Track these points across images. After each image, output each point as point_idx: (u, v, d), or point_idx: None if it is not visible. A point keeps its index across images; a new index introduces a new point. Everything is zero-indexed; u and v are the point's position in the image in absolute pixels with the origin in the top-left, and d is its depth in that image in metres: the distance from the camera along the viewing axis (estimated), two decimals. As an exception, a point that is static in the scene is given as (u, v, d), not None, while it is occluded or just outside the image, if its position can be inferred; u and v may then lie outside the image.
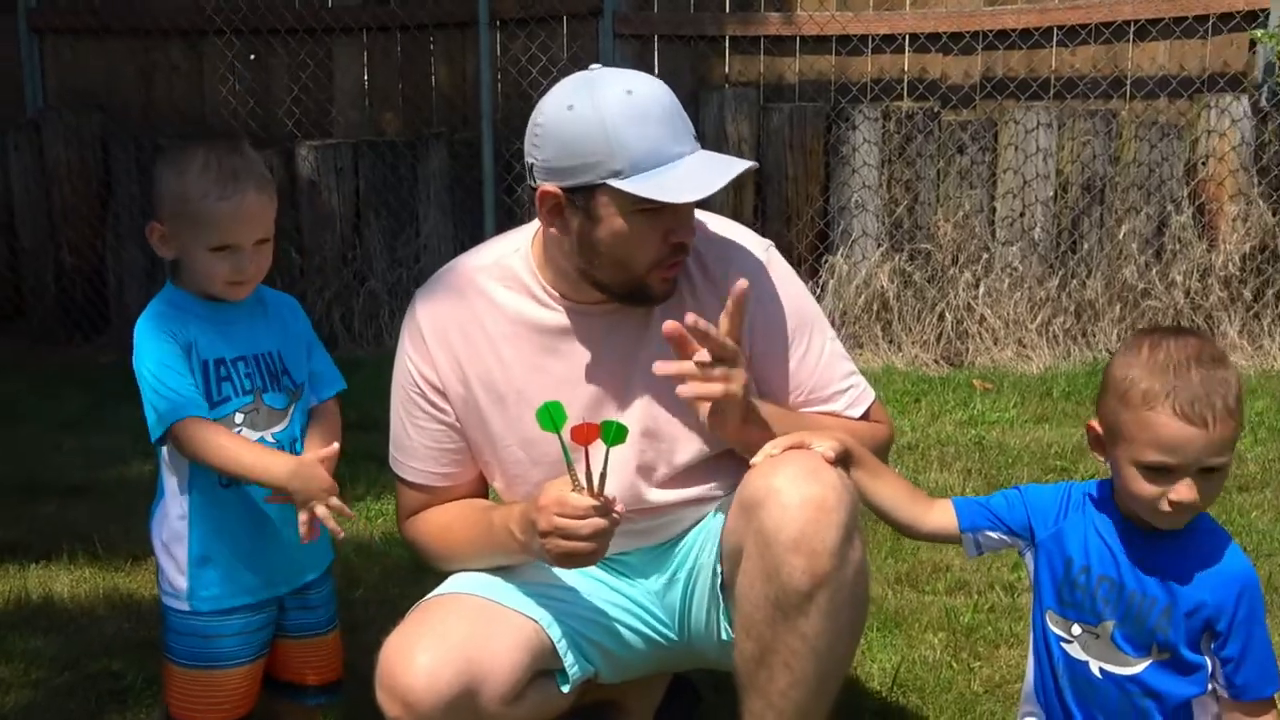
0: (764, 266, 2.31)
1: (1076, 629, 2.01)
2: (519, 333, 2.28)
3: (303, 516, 2.16)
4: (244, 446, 2.18)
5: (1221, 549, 1.96)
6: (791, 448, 2.09)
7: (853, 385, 2.36)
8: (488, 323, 2.29)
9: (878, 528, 3.72)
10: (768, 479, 2.05)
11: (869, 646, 3.03)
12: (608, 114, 2.07)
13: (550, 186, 2.14)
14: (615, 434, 1.98)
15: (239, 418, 2.21)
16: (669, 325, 2.09)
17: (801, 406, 2.32)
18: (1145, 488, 1.90)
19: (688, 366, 2.10)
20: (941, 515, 2.12)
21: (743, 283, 2.12)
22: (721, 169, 2.11)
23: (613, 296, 2.22)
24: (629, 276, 2.18)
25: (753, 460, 2.11)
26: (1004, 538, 2.10)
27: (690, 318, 2.07)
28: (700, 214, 2.29)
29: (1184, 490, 1.87)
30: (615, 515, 2.05)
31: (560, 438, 2.00)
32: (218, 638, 2.25)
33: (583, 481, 2.02)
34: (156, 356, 2.16)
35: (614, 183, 2.08)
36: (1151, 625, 1.95)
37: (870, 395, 2.38)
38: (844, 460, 2.10)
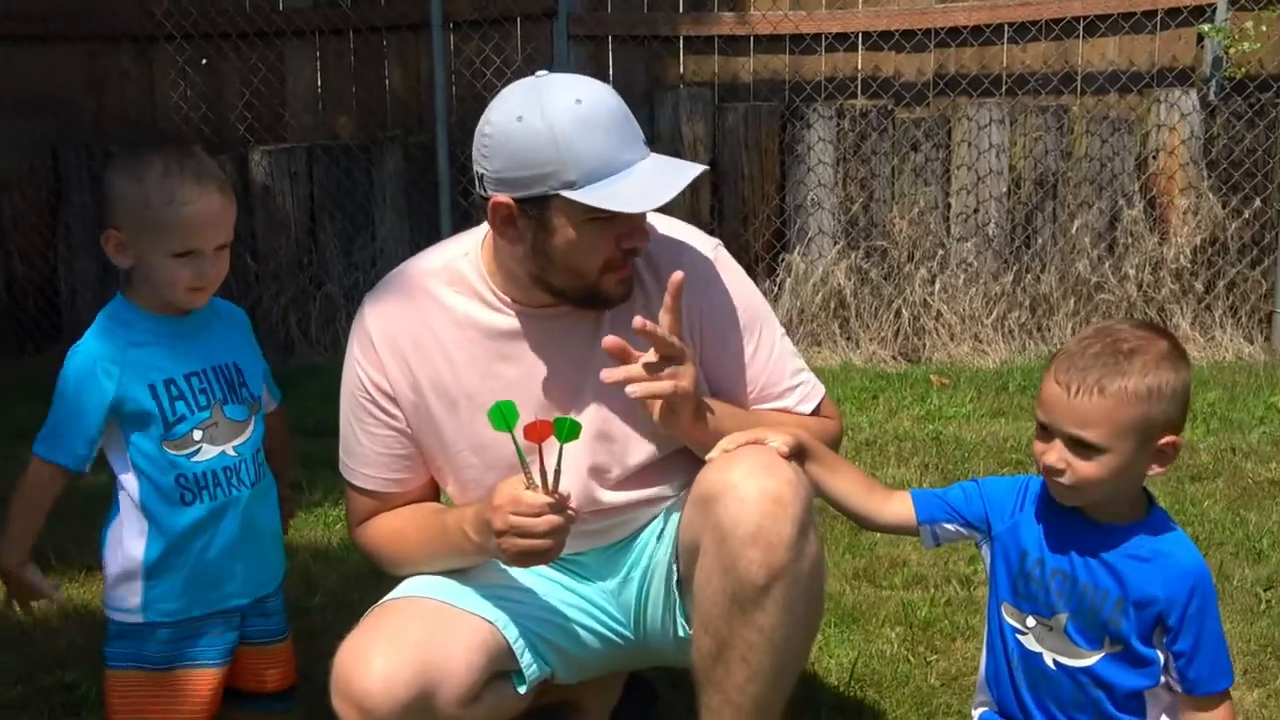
0: (713, 265, 2.32)
1: (1031, 621, 2.03)
2: (470, 337, 2.26)
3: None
4: (27, 526, 2.19)
5: (1174, 543, 1.98)
6: (746, 444, 2.10)
7: (803, 382, 2.37)
8: (438, 327, 2.27)
9: (834, 524, 3.74)
10: (723, 474, 2.07)
11: (826, 642, 3.04)
12: (558, 125, 2.06)
13: (502, 197, 2.13)
14: (569, 431, 1.98)
15: (198, 434, 2.18)
16: (608, 340, 2.10)
17: (753, 403, 2.33)
18: (1036, 445, 1.98)
19: (635, 370, 2.10)
20: (899, 507, 2.15)
21: (678, 275, 2.12)
22: (674, 175, 2.10)
23: (566, 301, 2.22)
24: (583, 283, 2.18)
25: (708, 457, 2.12)
26: (961, 530, 2.12)
27: (637, 321, 2.08)
28: (650, 216, 2.29)
29: (1050, 452, 1.94)
30: (570, 512, 2.05)
31: (513, 437, 2.00)
32: (180, 649, 2.23)
33: (537, 480, 2.02)
34: (74, 394, 2.15)
35: (567, 194, 2.07)
36: (1104, 618, 1.97)
37: (820, 391, 2.40)
38: (799, 454, 2.12)
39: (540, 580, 2.34)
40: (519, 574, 2.32)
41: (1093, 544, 1.99)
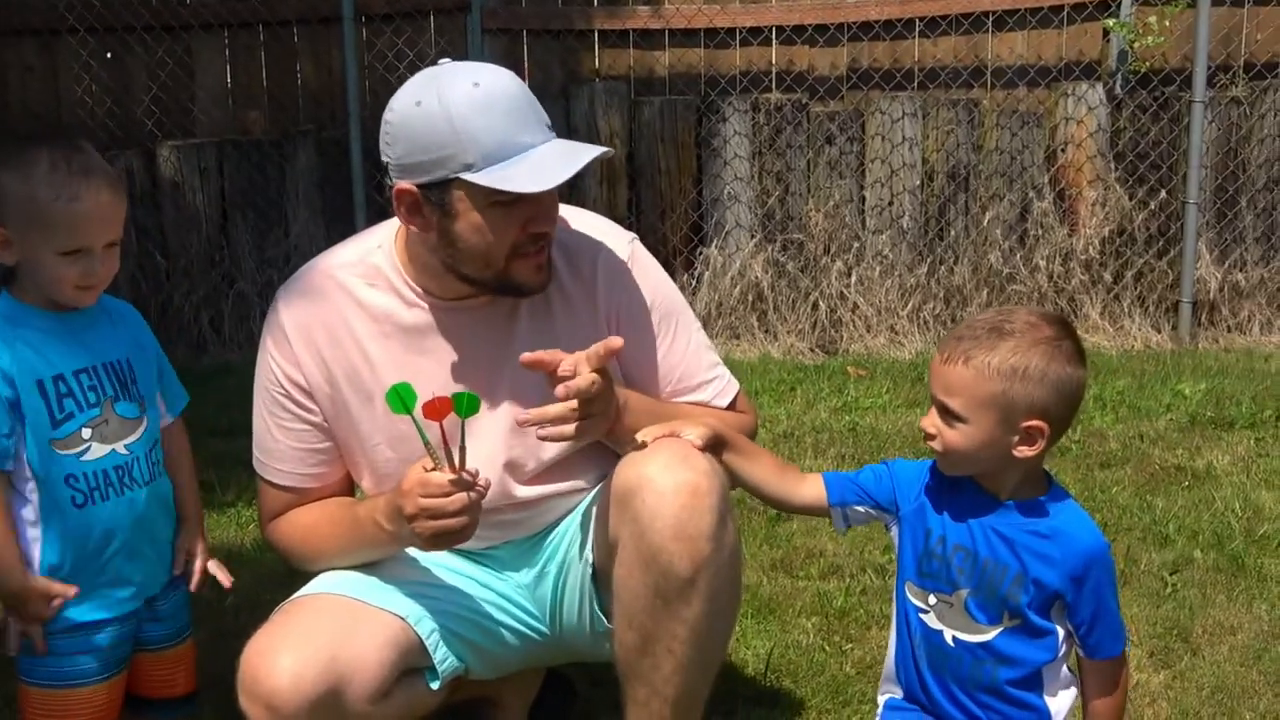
0: (628, 260, 2.32)
1: (932, 599, 2.07)
2: (385, 331, 2.25)
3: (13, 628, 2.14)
4: (5, 540, 2.10)
5: (1072, 520, 2.04)
6: (661, 437, 2.10)
7: (718, 375, 2.39)
8: (353, 321, 2.26)
9: (751, 516, 3.77)
10: (639, 468, 2.07)
11: (743, 633, 3.06)
12: (455, 108, 2.06)
13: (406, 184, 2.12)
14: (468, 405, 1.97)
15: (86, 433, 2.13)
16: (525, 357, 2.08)
17: (669, 397, 2.34)
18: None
19: (548, 411, 2.08)
20: (812, 489, 2.18)
21: (616, 341, 2.09)
22: (573, 156, 2.10)
23: (482, 290, 2.21)
24: (492, 270, 2.17)
25: (623, 452, 2.13)
26: (871, 511, 2.16)
27: (525, 357, 2.06)
28: (565, 209, 2.29)
29: (927, 417, 2.03)
30: (479, 489, 2.03)
31: (414, 418, 1.98)
32: (77, 654, 2.17)
33: (443, 459, 2.01)
34: None
35: (466, 176, 2.06)
36: (1003, 593, 2.02)
37: (735, 386, 2.42)
38: (714, 445, 2.13)
39: (455, 575, 2.33)
40: (433, 567, 2.32)
41: (994, 520, 2.04)
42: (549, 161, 2.08)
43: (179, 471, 2.32)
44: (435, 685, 2.26)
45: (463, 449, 2.00)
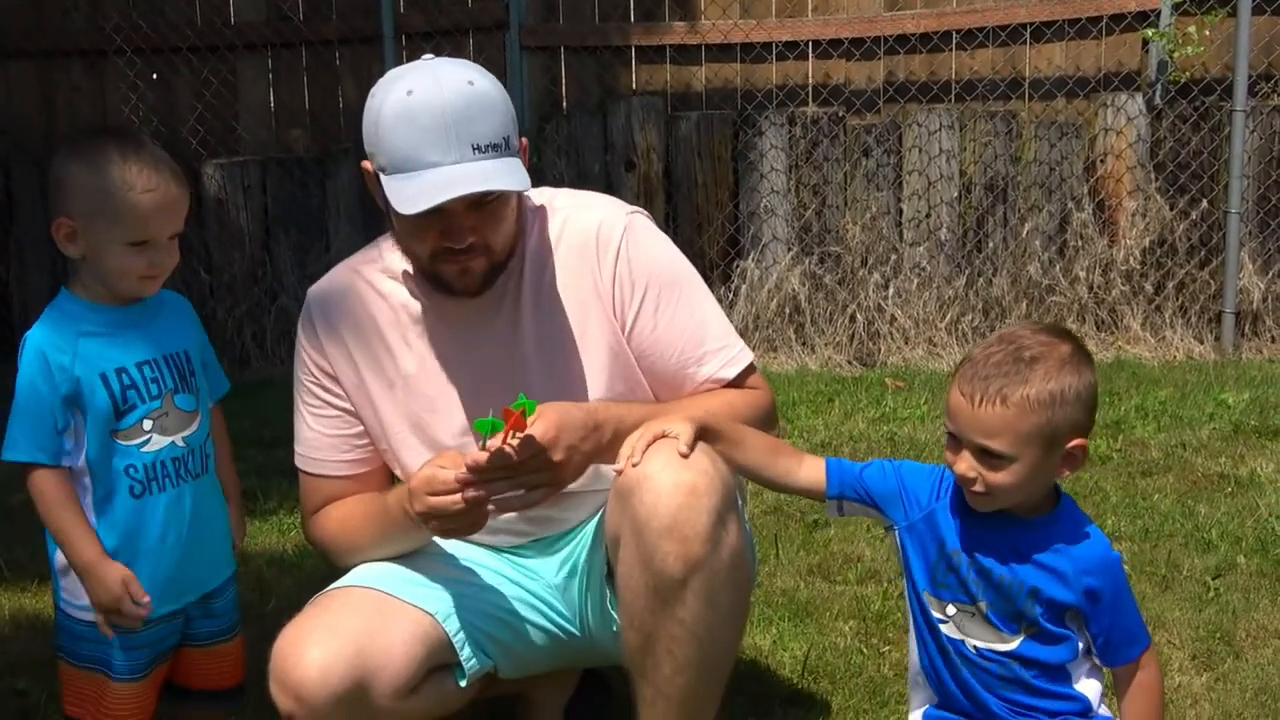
0: (624, 233, 2.29)
1: (951, 609, 2.06)
2: (401, 320, 2.30)
3: (99, 619, 2.16)
4: (79, 529, 2.13)
5: (1083, 536, 2.03)
6: (651, 441, 2.05)
7: (726, 345, 2.33)
8: (374, 311, 2.31)
9: (788, 523, 3.77)
10: (640, 466, 2.04)
11: (780, 636, 3.06)
12: (384, 111, 2.11)
13: (368, 164, 2.18)
14: (530, 411, 2.03)
15: (147, 424, 2.17)
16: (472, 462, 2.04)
17: (675, 369, 2.30)
18: (946, 454, 1.99)
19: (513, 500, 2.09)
20: (810, 473, 2.14)
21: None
22: (467, 184, 2.06)
23: (426, 282, 2.25)
24: (420, 265, 2.22)
25: (614, 468, 2.08)
26: (868, 509, 2.13)
27: (492, 442, 2.03)
28: (567, 192, 2.34)
29: (961, 462, 1.95)
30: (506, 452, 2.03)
31: (480, 433, 2.03)
32: (124, 650, 2.20)
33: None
34: (30, 387, 2.12)
35: (381, 175, 2.13)
36: (1020, 606, 2.01)
37: (747, 358, 2.36)
38: (703, 436, 2.08)
39: (489, 573, 2.35)
40: (468, 564, 2.34)
41: (1009, 537, 2.02)
42: (443, 183, 2.06)
43: (220, 452, 2.35)
44: (463, 683, 2.27)
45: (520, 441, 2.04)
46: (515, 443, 2.02)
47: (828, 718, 2.72)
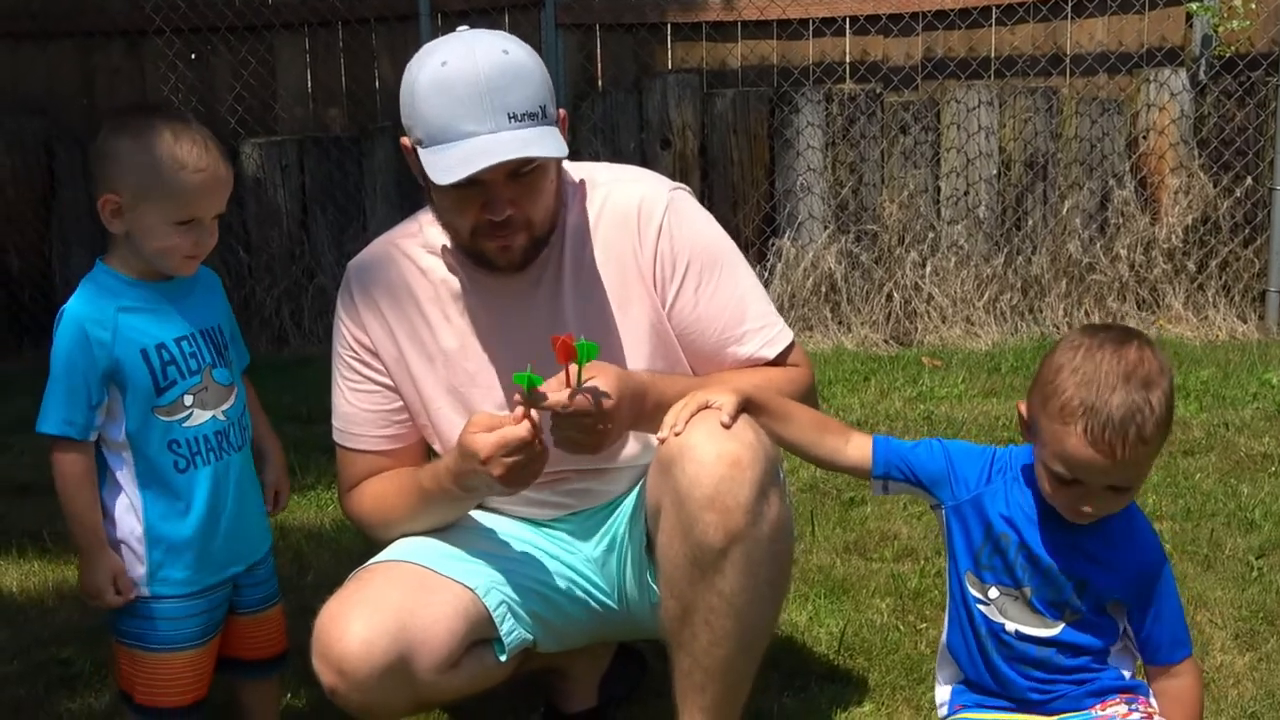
0: (665, 210, 2.27)
1: (994, 592, 2.03)
2: (441, 296, 2.29)
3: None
4: (90, 512, 2.16)
5: (1134, 532, 2.01)
6: (695, 411, 2.05)
7: (767, 324, 2.32)
8: (414, 286, 2.30)
9: (824, 500, 3.76)
10: (683, 436, 2.04)
11: (817, 613, 3.05)
12: (419, 82, 2.09)
13: (406, 140, 2.17)
14: (587, 352, 1.99)
15: (189, 399, 2.18)
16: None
17: (715, 346, 2.29)
18: (1051, 490, 1.94)
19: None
20: (857, 451, 2.11)
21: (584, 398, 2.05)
22: (502, 151, 2.04)
23: (466, 258, 2.23)
24: (460, 241, 2.20)
25: (659, 436, 2.07)
26: (913, 489, 2.10)
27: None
28: (609, 166, 2.33)
29: (1087, 507, 1.92)
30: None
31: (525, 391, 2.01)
32: (178, 619, 2.22)
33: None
34: (66, 361, 2.13)
35: (419, 149, 2.11)
36: (1065, 597, 1.99)
37: (788, 336, 2.35)
38: (747, 409, 2.07)
39: (527, 546, 2.36)
40: (505, 538, 2.34)
41: (1058, 529, 1.99)
42: (478, 153, 2.04)
43: (257, 420, 2.36)
44: (503, 658, 2.28)
45: (579, 391, 2.01)
46: (585, 394, 2.00)
47: (864, 694, 2.71)
